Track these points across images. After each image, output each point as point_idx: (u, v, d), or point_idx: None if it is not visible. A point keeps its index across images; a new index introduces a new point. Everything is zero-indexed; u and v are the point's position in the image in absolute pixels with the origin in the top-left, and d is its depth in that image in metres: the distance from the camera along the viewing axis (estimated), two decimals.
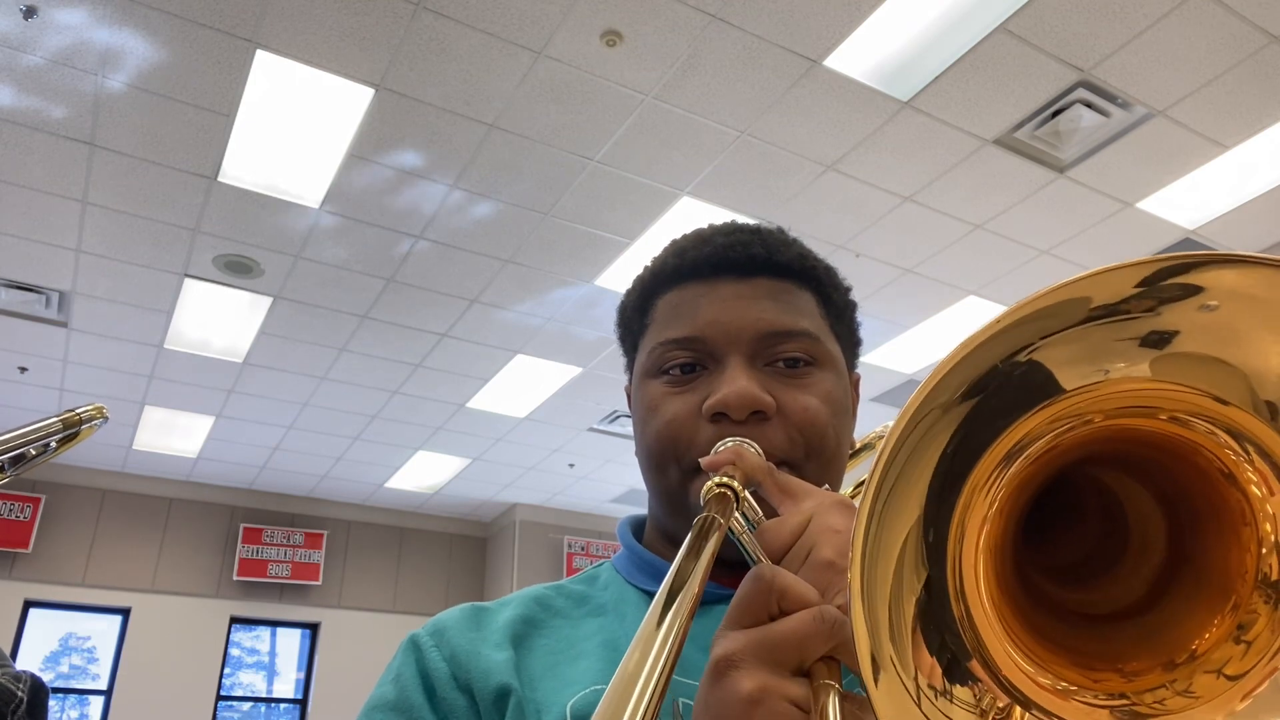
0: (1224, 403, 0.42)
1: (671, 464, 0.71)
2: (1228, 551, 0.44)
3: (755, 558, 0.55)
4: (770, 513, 0.59)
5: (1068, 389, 0.41)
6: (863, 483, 1.03)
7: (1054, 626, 0.47)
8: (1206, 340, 0.40)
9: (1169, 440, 0.44)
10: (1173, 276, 0.39)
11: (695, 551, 0.45)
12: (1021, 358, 0.40)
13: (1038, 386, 0.41)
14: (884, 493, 0.40)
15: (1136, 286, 0.39)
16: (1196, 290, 0.39)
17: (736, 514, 0.55)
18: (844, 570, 0.50)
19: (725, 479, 0.55)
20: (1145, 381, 0.41)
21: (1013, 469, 0.43)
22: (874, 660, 0.39)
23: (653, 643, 0.37)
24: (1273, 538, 0.43)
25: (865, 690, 0.40)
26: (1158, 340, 0.40)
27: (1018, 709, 0.42)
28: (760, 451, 0.64)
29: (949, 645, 0.42)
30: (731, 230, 0.76)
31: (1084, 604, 0.49)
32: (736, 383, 0.68)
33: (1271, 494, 0.43)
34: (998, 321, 0.39)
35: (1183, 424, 0.43)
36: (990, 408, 0.41)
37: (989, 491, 0.43)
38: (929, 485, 0.41)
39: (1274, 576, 0.43)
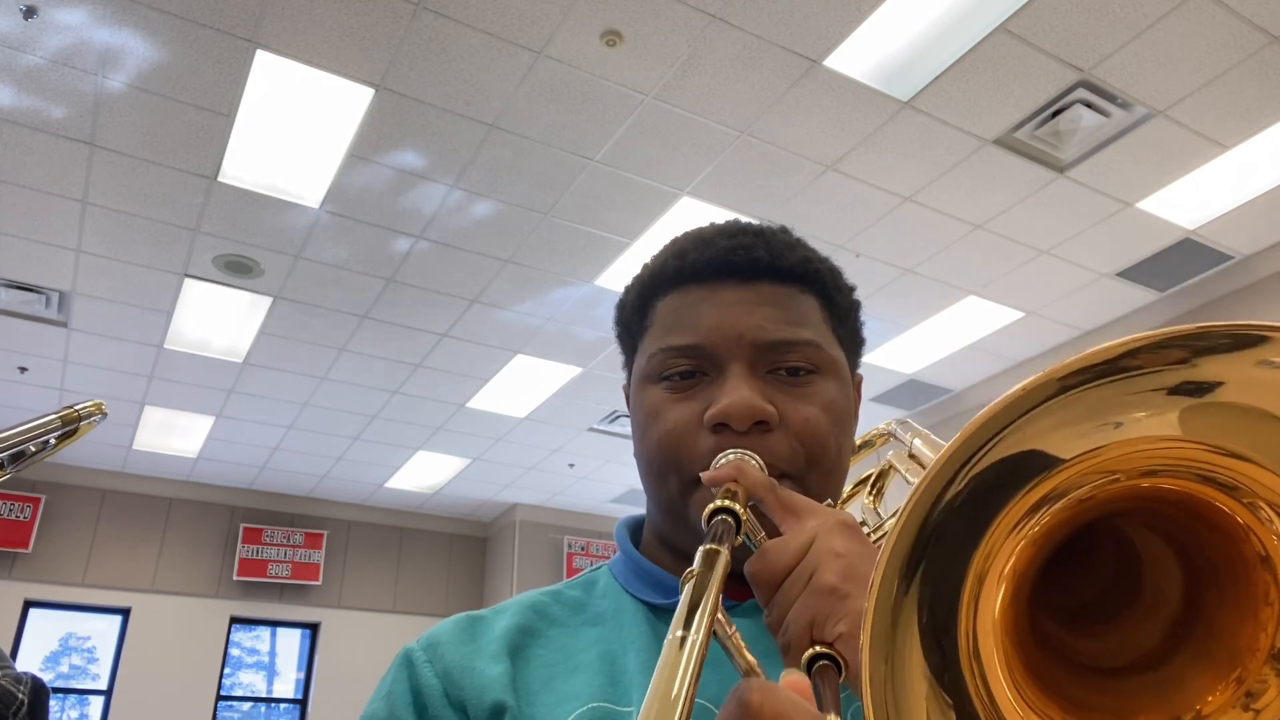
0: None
1: (672, 474, 0.70)
2: (1241, 625, 0.42)
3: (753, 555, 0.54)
4: (771, 529, 0.59)
5: (1066, 458, 0.38)
6: (865, 479, 1.03)
7: (1056, 673, 0.45)
8: (1259, 394, 0.36)
9: (1201, 504, 0.41)
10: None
11: (700, 592, 0.44)
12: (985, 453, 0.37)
13: (1022, 468, 0.38)
14: (883, 611, 0.38)
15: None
16: (1257, 342, 0.34)
17: (738, 537, 0.54)
18: (846, 596, 0.49)
19: (726, 502, 0.54)
20: (1173, 441, 0.38)
21: (1027, 532, 0.41)
22: None
23: (667, 699, 0.36)
24: None
25: None
26: (1194, 390, 0.36)
27: None
28: (762, 465, 0.64)
29: (965, 710, 0.40)
30: (734, 232, 0.75)
31: (1090, 653, 0.48)
32: (738, 393, 0.67)
33: None
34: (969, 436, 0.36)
35: (1234, 496, 0.40)
36: (975, 503, 0.38)
37: (1002, 556, 0.41)
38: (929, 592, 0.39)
39: None
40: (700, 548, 0.47)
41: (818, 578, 0.51)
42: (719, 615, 0.47)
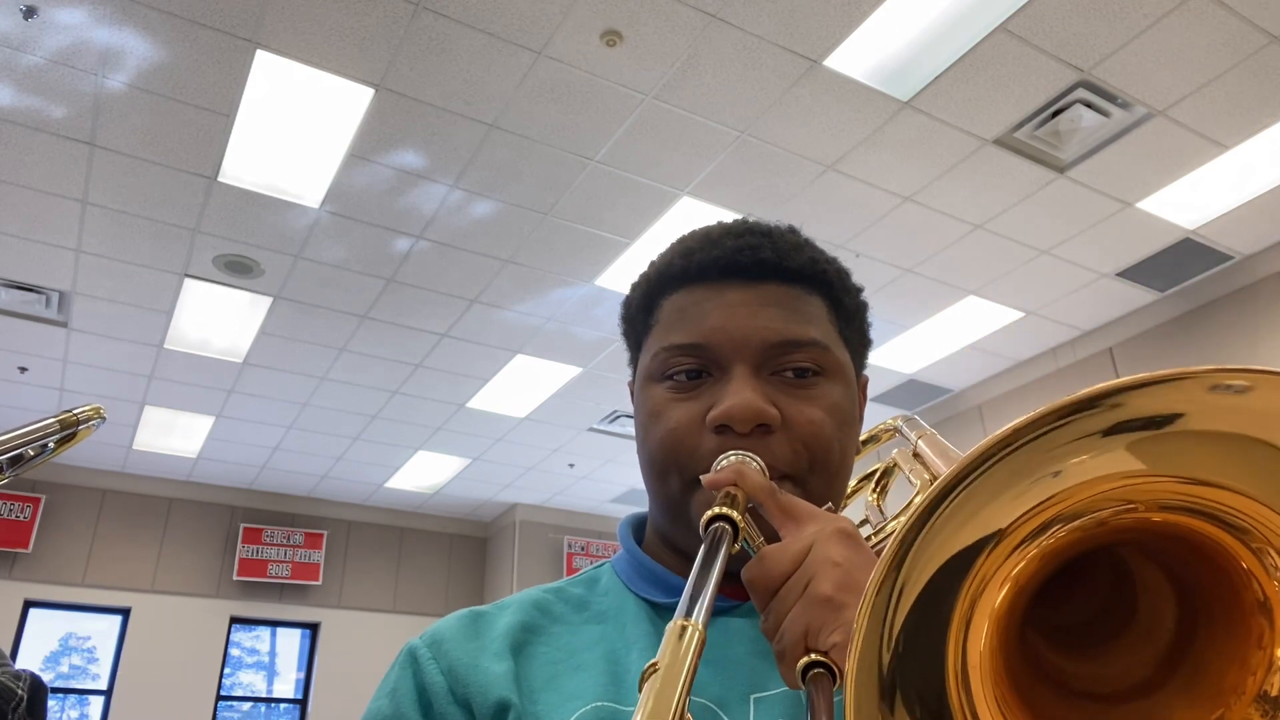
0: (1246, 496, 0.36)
1: (673, 474, 0.70)
2: (1229, 665, 0.42)
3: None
4: (770, 533, 0.58)
5: (1006, 524, 0.38)
6: (869, 475, 1.03)
7: (1045, 698, 0.45)
8: (1229, 420, 0.34)
9: (1205, 543, 0.40)
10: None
11: (695, 595, 0.46)
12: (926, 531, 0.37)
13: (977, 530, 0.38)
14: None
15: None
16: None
17: (736, 544, 0.54)
18: (841, 606, 0.49)
19: (724, 509, 0.54)
20: (1141, 477, 0.36)
21: (1025, 553, 0.40)
22: None
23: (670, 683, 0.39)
24: None
25: None
26: (1144, 424, 0.35)
27: None
28: (763, 467, 0.63)
29: None
30: (741, 232, 0.74)
31: (1079, 678, 0.48)
32: (741, 395, 0.66)
33: None
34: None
35: (1241, 539, 0.38)
36: (933, 600, 0.39)
37: (992, 588, 0.41)
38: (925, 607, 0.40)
39: (1274, 693, 0.40)
40: (698, 556, 0.50)
41: (814, 586, 0.51)
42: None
